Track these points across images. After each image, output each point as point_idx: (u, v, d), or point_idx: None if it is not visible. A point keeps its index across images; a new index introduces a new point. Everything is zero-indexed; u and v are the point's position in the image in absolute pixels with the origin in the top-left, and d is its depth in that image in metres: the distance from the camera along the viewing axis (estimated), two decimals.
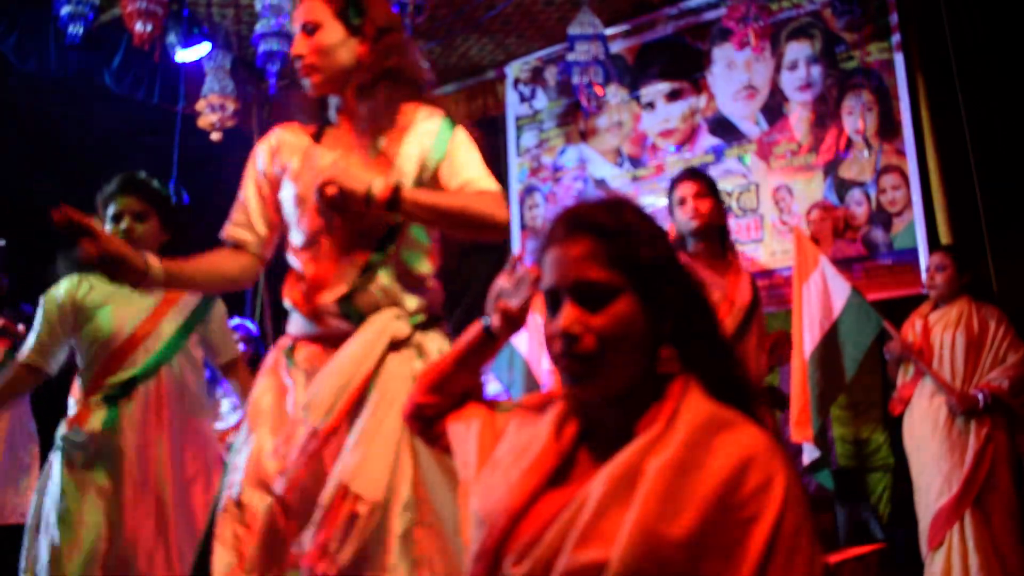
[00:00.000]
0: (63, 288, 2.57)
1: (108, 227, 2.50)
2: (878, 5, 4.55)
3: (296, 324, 1.83)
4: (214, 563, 1.66)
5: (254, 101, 5.37)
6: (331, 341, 1.76)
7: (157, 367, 2.49)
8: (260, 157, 1.93)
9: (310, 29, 1.80)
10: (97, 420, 2.42)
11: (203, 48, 4.67)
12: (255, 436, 1.75)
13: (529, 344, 4.49)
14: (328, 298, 1.76)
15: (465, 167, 1.80)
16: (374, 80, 1.81)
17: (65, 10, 3.92)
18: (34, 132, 4.86)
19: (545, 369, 4.37)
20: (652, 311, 1.04)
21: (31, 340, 2.58)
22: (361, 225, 1.74)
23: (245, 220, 1.91)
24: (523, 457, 1.09)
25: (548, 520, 1.00)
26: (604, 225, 1.06)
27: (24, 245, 4.12)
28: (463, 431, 1.24)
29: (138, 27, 3.92)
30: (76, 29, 3.93)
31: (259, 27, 4.26)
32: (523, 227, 5.70)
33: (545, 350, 1.10)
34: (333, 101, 1.90)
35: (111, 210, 2.52)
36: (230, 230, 1.92)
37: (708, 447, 0.96)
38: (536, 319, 2.17)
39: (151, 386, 2.48)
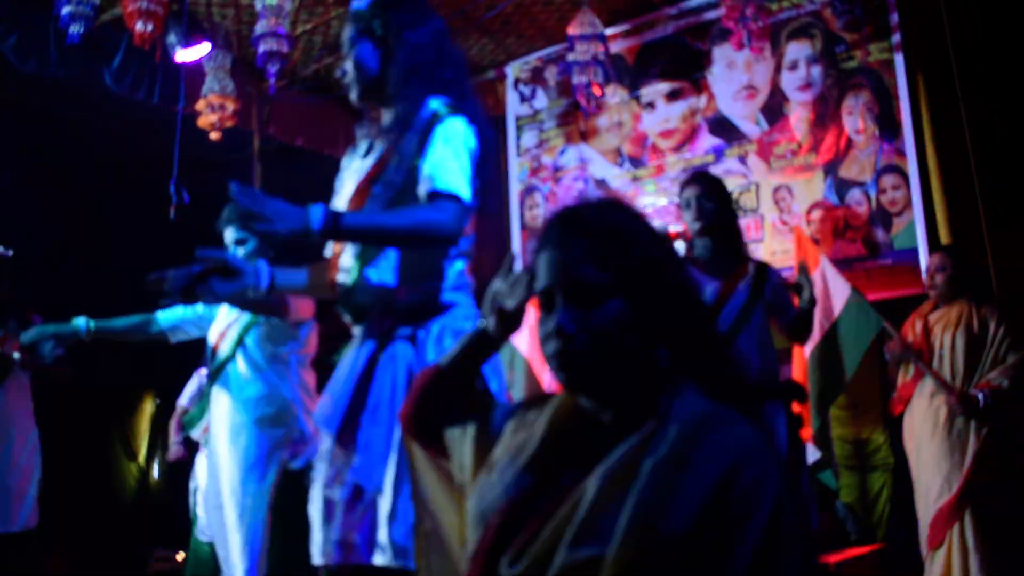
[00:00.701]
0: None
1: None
2: (878, 5, 4.55)
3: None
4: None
5: (254, 101, 5.38)
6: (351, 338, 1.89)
7: (231, 356, 2.94)
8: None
9: (349, 45, 1.91)
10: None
11: (203, 48, 4.67)
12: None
13: (530, 344, 4.49)
14: (337, 300, 1.87)
15: (433, 165, 1.75)
16: (396, 86, 1.86)
17: (66, 10, 3.91)
18: (34, 133, 4.87)
19: (547, 368, 4.38)
20: (645, 311, 1.05)
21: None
22: None
23: None
24: (519, 457, 1.09)
25: (544, 519, 1.00)
26: (598, 226, 1.06)
27: (24, 246, 4.13)
28: (459, 434, 1.24)
29: (138, 27, 3.92)
30: (77, 29, 3.93)
31: (259, 27, 4.27)
32: (523, 227, 5.70)
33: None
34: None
35: (228, 237, 2.94)
36: None
37: (701, 445, 0.97)
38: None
39: (221, 374, 2.95)
